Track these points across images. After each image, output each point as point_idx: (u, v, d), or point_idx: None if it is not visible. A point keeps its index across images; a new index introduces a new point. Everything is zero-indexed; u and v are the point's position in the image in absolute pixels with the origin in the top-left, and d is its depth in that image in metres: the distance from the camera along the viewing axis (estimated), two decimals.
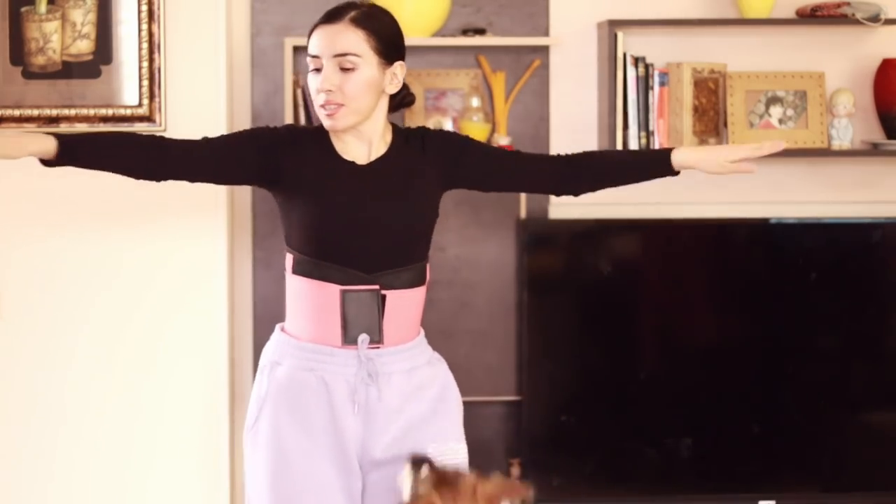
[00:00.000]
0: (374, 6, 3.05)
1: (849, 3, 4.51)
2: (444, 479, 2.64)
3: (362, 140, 3.03)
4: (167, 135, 4.21)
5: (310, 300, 3.01)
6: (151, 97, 4.23)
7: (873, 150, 4.63)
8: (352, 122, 2.98)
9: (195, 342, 4.31)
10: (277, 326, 3.12)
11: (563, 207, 4.66)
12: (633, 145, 4.51)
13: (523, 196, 4.60)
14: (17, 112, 4.21)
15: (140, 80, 4.23)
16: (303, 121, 4.46)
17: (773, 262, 4.64)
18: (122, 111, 4.23)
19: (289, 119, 4.47)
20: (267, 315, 4.62)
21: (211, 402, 4.33)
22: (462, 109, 4.58)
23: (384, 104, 3.04)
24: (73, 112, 4.22)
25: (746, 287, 4.63)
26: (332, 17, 2.97)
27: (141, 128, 4.23)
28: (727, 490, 4.64)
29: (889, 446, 4.67)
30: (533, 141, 4.64)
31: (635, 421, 4.61)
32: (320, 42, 2.96)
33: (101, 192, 4.27)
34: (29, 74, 4.21)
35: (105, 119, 4.22)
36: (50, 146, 2.88)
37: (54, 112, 4.22)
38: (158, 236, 4.29)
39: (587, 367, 4.61)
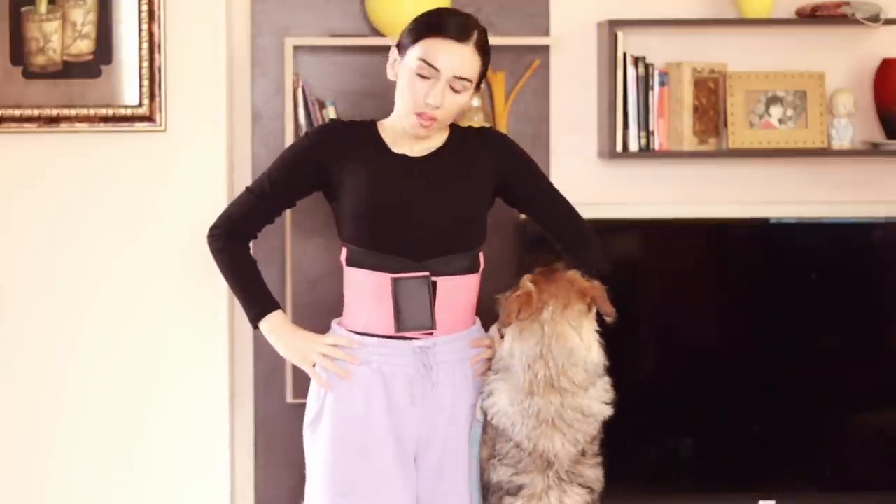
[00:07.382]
0: (481, 26, 3.09)
1: (849, 3, 4.51)
2: (543, 272, 2.91)
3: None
4: (167, 135, 4.25)
5: (363, 290, 3.07)
6: (151, 97, 4.23)
7: (873, 150, 4.63)
8: (435, 132, 3.08)
9: (195, 342, 4.31)
10: (334, 322, 3.17)
11: None
12: (633, 145, 4.52)
13: None
14: (17, 112, 4.21)
15: (140, 80, 4.23)
16: (302, 121, 4.46)
17: (773, 262, 4.64)
18: (122, 111, 4.23)
19: (289, 119, 4.46)
20: None
21: (211, 402, 4.33)
22: None
23: None
24: (73, 112, 4.22)
25: (746, 287, 4.63)
26: (461, 34, 3.00)
27: (141, 127, 4.23)
28: (727, 490, 4.64)
29: (889, 446, 4.67)
30: (533, 141, 4.63)
31: (635, 421, 4.61)
32: (446, 59, 2.98)
33: (101, 193, 4.28)
34: (29, 74, 4.21)
35: (105, 119, 4.22)
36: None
37: (54, 112, 4.22)
38: (158, 236, 4.29)
39: None
